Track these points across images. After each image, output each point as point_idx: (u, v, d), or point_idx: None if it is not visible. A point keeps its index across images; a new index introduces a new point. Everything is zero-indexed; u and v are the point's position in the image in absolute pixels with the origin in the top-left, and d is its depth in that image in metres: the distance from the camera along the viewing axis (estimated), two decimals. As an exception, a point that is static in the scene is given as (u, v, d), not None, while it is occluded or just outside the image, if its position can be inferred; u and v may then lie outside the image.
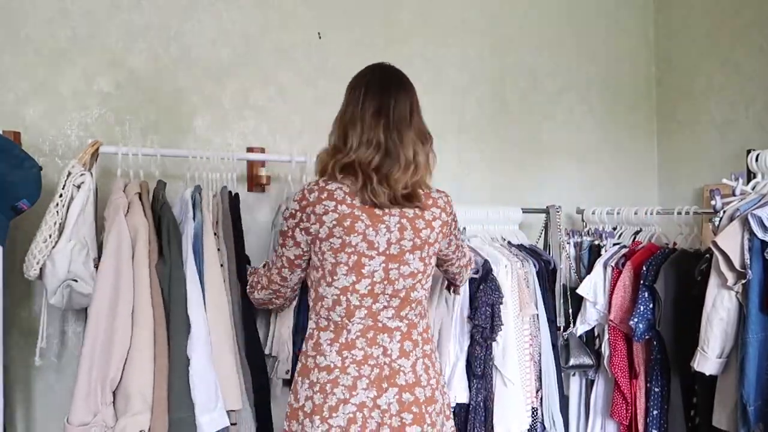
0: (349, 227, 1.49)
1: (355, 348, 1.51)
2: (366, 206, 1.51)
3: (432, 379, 1.57)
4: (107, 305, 1.65)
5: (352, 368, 1.49)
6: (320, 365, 1.52)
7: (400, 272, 1.53)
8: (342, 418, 1.46)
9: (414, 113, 1.59)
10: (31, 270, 1.72)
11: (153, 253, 1.75)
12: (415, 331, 1.57)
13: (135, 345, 1.66)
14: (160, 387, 1.67)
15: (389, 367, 1.51)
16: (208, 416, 1.69)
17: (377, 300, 1.52)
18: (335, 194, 1.51)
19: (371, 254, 1.50)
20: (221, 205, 1.94)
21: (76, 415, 1.59)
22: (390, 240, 1.51)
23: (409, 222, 1.53)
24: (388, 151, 1.51)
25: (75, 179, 1.76)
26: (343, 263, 1.51)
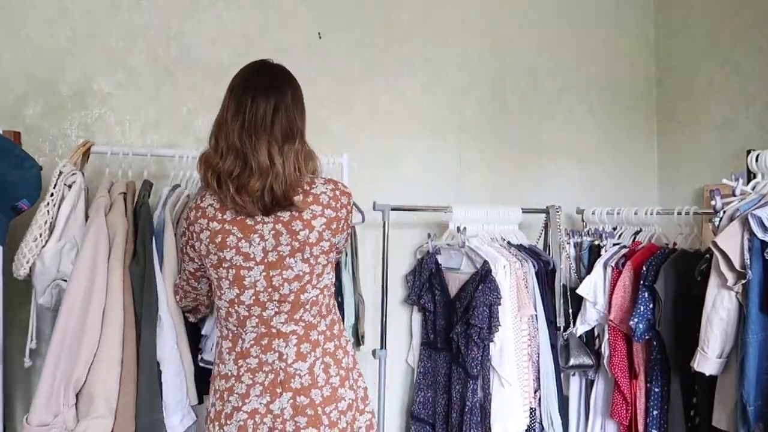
0: (221, 243, 1.48)
1: (249, 356, 1.51)
2: (237, 219, 1.48)
3: (334, 378, 1.54)
4: (79, 304, 1.63)
5: (246, 376, 1.50)
6: (221, 373, 1.54)
7: (284, 277, 1.50)
8: (234, 425, 1.48)
9: (278, 112, 1.49)
10: (21, 269, 1.71)
11: (129, 254, 1.73)
12: (314, 332, 1.54)
13: (103, 346, 1.63)
14: (127, 391, 1.64)
15: (284, 372, 1.50)
16: (180, 414, 1.70)
17: (266, 308, 1.51)
18: (207, 211, 1.51)
19: (249, 265, 1.49)
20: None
21: (36, 415, 1.55)
22: (266, 248, 1.49)
23: (284, 226, 1.48)
24: (245, 157, 1.45)
25: (66, 179, 1.76)
26: (224, 278, 1.51)
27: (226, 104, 1.50)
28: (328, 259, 1.56)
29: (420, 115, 2.77)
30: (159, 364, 1.70)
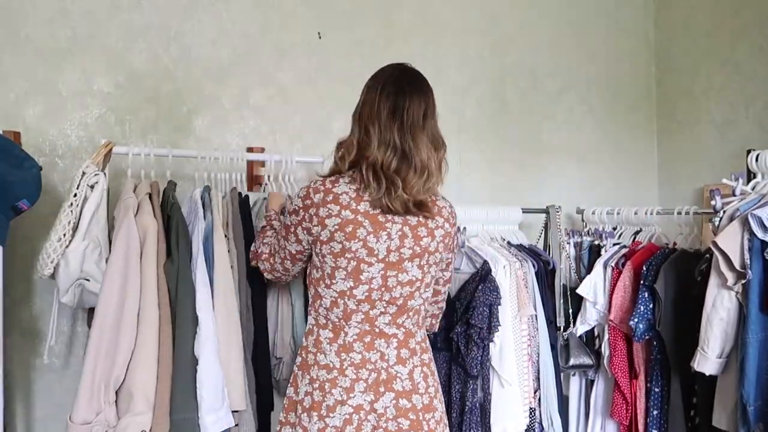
0: (351, 233, 1.48)
1: (353, 351, 1.52)
2: (370, 212, 1.49)
3: (431, 387, 1.57)
4: (114, 304, 1.65)
5: (350, 371, 1.50)
6: (320, 363, 1.53)
7: (398, 280, 1.52)
8: (338, 418, 1.48)
9: (428, 117, 1.55)
10: (46, 269, 1.73)
11: (161, 254, 1.74)
12: (412, 340, 1.57)
13: (140, 344, 1.65)
14: (163, 387, 1.66)
15: (386, 372, 1.52)
16: (214, 416, 1.69)
17: (374, 306, 1.52)
18: (340, 198, 1.50)
19: (371, 261, 1.50)
20: (231, 206, 1.93)
21: (79, 414, 1.59)
22: (390, 247, 1.50)
23: (410, 230, 1.51)
24: (404, 154, 1.48)
25: (89, 179, 1.77)
26: (342, 268, 1.50)
27: (377, 101, 1.52)
28: (434, 272, 1.59)
29: (420, 115, 2.76)
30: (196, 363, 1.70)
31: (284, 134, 2.50)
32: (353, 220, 1.48)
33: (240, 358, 1.81)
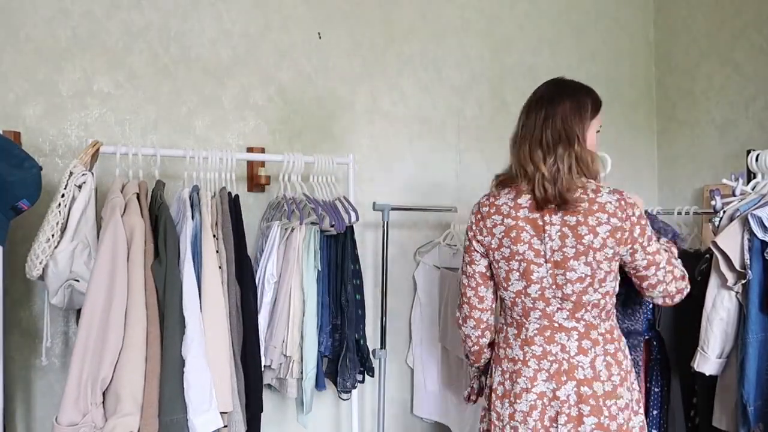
0: (515, 237, 1.63)
1: (534, 344, 1.66)
2: (529, 217, 1.63)
3: (615, 376, 1.64)
4: (101, 305, 1.64)
5: (532, 362, 1.65)
6: (509, 356, 1.69)
7: (567, 278, 1.62)
8: (525, 404, 1.64)
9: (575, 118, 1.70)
10: (34, 270, 1.72)
11: (149, 254, 1.74)
12: (594, 332, 1.65)
13: (127, 345, 1.64)
14: (152, 389, 1.65)
15: (567, 362, 1.63)
16: (203, 417, 1.69)
17: (549, 303, 1.64)
18: (501, 208, 1.66)
19: (539, 261, 1.63)
20: (220, 206, 1.94)
21: (66, 415, 1.58)
22: (552, 248, 1.62)
23: (570, 230, 1.61)
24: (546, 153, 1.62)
25: (77, 179, 1.76)
26: (514, 270, 1.65)
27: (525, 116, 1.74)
28: (611, 266, 1.63)
29: (420, 115, 2.77)
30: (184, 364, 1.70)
31: (284, 134, 2.50)
32: (515, 226, 1.64)
33: (228, 359, 1.80)
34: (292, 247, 2.06)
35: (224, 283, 1.86)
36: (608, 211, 1.61)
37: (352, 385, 2.16)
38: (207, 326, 1.76)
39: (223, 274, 1.86)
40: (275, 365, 2.08)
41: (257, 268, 2.09)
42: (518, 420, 1.64)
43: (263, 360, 2.02)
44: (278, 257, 2.09)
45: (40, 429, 2.11)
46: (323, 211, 2.12)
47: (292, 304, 2.04)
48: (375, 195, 2.55)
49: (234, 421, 1.82)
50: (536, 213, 1.63)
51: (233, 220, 1.95)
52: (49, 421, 2.06)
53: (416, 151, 2.76)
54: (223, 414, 1.76)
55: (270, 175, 2.38)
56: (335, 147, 2.57)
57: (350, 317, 2.14)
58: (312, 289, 2.07)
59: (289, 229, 2.10)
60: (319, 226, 2.10)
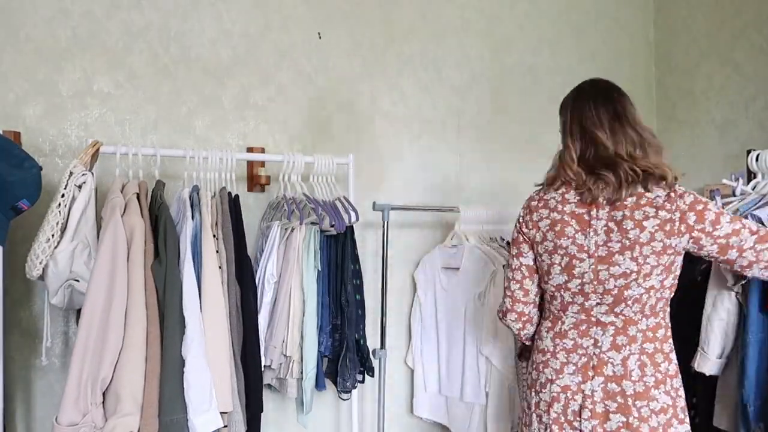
0: (559, 231, 1.66)
1: (566, 338, 1.68)
2: (575, 212, 1.65)
3: (648, 377, 1.62)
4: (101, 305, 1.64)
5: (561, 354, 1.68)
6: (539, 348, 1.74)
7: (610, 273, 1.62)
8: (548, 394, 1.68)
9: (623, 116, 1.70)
10: (34, 270, 1.72)
11: (149, 254, 1.74)
12: (633, 328, 1.64)
13: (127, 345, 1.65)
14: (152, 389, 1.66)
15: (597, 357, 1.64)
16: (203, 417, 1.69)
17: (588, 298, 1.65)
18: (549, 203, 1.70)
19: (581, 256, 1.64)
20: (220, 206, 1.94)
21: (66, 415, 1.58)
22: (597, 242, 1.62)
23: (616, 225, 1.61)
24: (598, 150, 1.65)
25: (77, 179, 1.76)
26: (556, 263, 1.68)
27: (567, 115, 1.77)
28: (660, 260, 1.61)
29: (420, 115, 2.77)
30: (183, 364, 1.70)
31: (284, 134, 2.50)
32: (561, 220, 1.66)
33: (228, 359, 1.80)
34: (292, 247, 2.06)
35: (224, 283, 1.86)
36: (656, 205, 1.60)
37: (352, 385, 2.16)
38: (207, 326, 1.76)
39: (223, 274, 1.86)
40: (275, 365, 2.08)
41: (257, 268, 2.09)
42: (542, 409, 1.68)
43: (263, 360, 2.02)
44: (278, 257, 2.09)
45: (40, 429, 2.11)
46: (323, 211, 2.12)
47: (292, 304, 2.04)
48: (375, 195, 2.55)
49: (234, 421, 1.82)
50: (584, 208, 1.65)
51: (233, 220, 1.95)
52: (49, 421, 2.06)
53: (416, 151, 2.76)
54: (223, 414, 1.76)
55: (270, 175, 2.38)
56: (335, 147, 2.57)
57: (350, 317, 2.14)
58: (312, 289, 2.07)
59: (289, 229, 2.10)
60: (319, 226, 2.10)
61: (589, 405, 1.62)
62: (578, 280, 1.65)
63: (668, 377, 1.66)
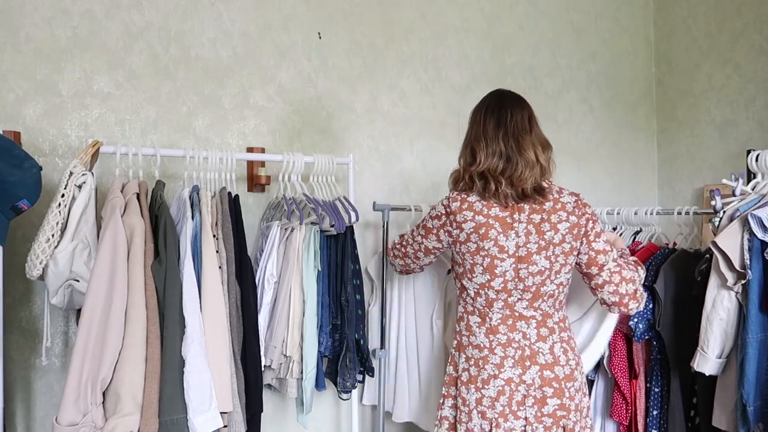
0: (484, 234, 1.75)
1: (498, 333, 1.78)
2: (499, 216, 1.76)
3: (571, 360, 1.81)
4: (101, 305, 1.64)
5: (498, 349, 1.77)
6: (473, 343, 1.80)
7: (529, 271, 1.76)
8: (492, 389, 1.75)
9: (533, 124, 1.82)
10: (34, 270, 1.72)
11: (149, 254, 1.74)
12: (550, 320, 1.82)
13: (127, 345, 1.64)
14: (151, 388, 1.65)
15: (530, 348, 1.77)
16: (203, 417, 1.69)
17: (511, 294, 1.78)
18: (474, 206, 1.78)
19: (502, 257, 1.76)
20: (220, 206, 1.94)
21: (66, 415, 1.58)
22: (518, 244, 1.76)
23: (534, 227, 1.76)
24: (509, 157, 1.76)
25: (77, 179, 1.76)
26: (478, 264, 1.78)
27: (482, 121, 1.82)
28: (567, 260, 1.80)
29: (420, 115, 2.77)
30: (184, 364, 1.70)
31: (284, 134, 2.50)
32: (485, 224, 1.76)
33: (228, 359, 1.80)
34: (292, 247, 2.06)
35: (224, 283, 1.86)
36: (568, 210, 1.79)
37: (352, 385, 2.16)
38: (207, 326, 1.76)
39: (223, 274, 1.86)
40: (275, 365, 2.08)
41: (257, 268, 2.09)
42: (486, 405, 1.75)
43: (263, 360, 2.02)
44: (278, 257, 2.09)
45: (40, 429, 2.11)
46: (323, 211, 2.12)
47: (292, 304, 2.04)
48: (375, 195, 2.55)
49: (234, 421, 1.82)
50: (506, 212, 1.77)
51: (233, 220, 1.95)
52: (49, 421, 2.07)
53: (416, 151, 2.76)
54: (223, 414, 1.76)
55: (270, 175, 2.38)
56: (335, 147, 2.57)
57: (350, 317, 2.14)
58: (312, 289, 2.07)
59: (289, 229, 2.10)
60: (319, 226, 2.10)
61: (532, 392, 1.75)
62: (501, 278, 1.76)
63: (578, 359, 1.86)
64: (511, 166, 1.75)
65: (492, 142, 1.78)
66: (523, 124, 1.80)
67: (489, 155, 1.77)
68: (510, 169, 1.75)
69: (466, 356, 1.81)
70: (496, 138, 1.78)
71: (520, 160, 1.75)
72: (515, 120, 1.80)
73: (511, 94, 1.89)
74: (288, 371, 2.07)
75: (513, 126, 1.79)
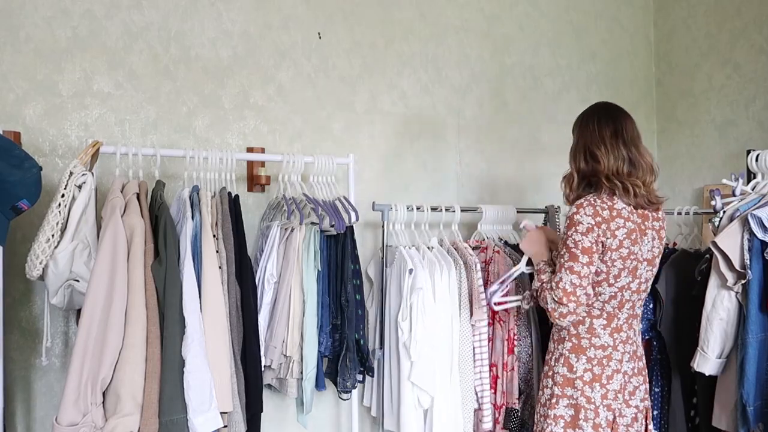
0: (635, 239, 1.84)
1: (622, 331, 1.89)
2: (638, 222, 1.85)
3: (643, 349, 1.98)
4: (101, 305, 1.64)
5: (620, 346, 1.88)
6: (595, 345, 1.88)
7: (651, 273, 1.91)
8: (616, 383, 1.87)
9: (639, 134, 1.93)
10: (34, 270, 1.72)
11: (149, 254, 1.74)
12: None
13: (127, 345, 1.65)
14: (151, 389, 1.66)
15: (635, 343, 1.93)
16: (203, 417, 1.69)
17: (639, 294, 1.90)
18: (622, 212, 1.83)
19: (641, 259, 1.87)
20: (220, 206, 1.94)
21: (66, 415, 1.58)
22: (649, 248, 1.88)
23: (656, 233, 1.91)
24: (632, 162, 1.85)
25: (77, 179, 1.76)
26: (627, 268, 1.84)
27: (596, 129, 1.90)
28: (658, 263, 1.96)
29: (420, 115, 2.77)
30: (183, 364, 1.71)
31: (284, 134, 2.50)
32: (635, 229, 1.84)
33: (228, 359, 1.80)
34: (292, 247, 2.06)
35: (224, 283, 1.86)
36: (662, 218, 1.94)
37: (352, 385, 2.16)
38: (207, 326, 1.76)
39: (223, 274, 1.86)
40: (275, 365, 2.08)
41: (257, 268, 2.09)
42: (611, 398, 1.86)
43: (263, 360, 2.02)
44: (278, 257, 2.09)
45: (40, 429, 2.10)
46: (323, 211, 2.12)
47: (292, 304, 2.04)
48: (375, 195, 2.54)
49: (234, 421, 1.82)
50: (640, 218, 1.87)
51: (233, 220, 1.95)
52: (49, 421, 2.07)
53: (416, 151, 2.76)
54: (223, 414, 1.76)
55: (270, 175, 2.38)
56: (335, 147, 2.57)
57: (350, 317, 2.14)
58: (312, 289, 2.07)
59: (289, 229, 2.10)
60: (319, 226, 2.10)
61: (636, 383, 1.90)
62: (637, 280, 1.87)
63: None
64: (637, 171, 1.85)
65: (613, 148, 1.86)
66: (636, 132, 1.91)
67: (614, 159, 1.85)
68: (636, 173, 1.85)
69: (587, 357, 1.87)
70: (616, 144, 1.86)
71: (644, 165, 1.86)
72: (628, 129, 1.90)
73: (617, 106, 1.98)
74: (288, 371, 2.07)
75: (628, 135, 1.88)
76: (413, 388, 2.17)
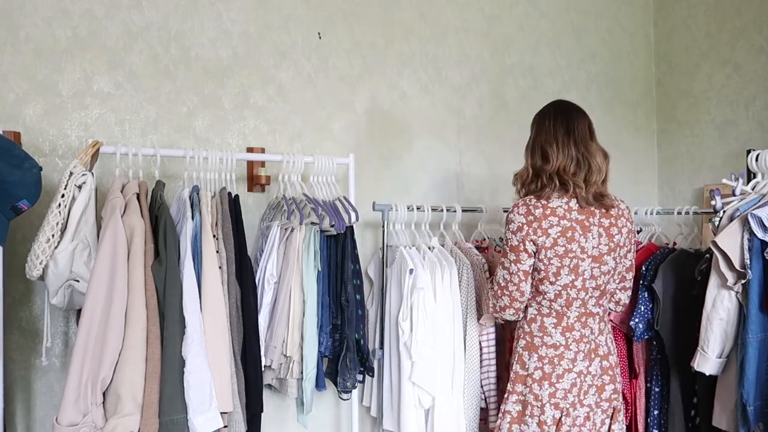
0: (570, 237, 1.86)
1: (573, 330, 1.91)
2: (579, 219, 1.87)
3: (614, 349, 2.00)
4: (101, 305, 1.64)
5: (573, 345, 1.90)
6: (547, 343, 1.91)
7: (601, 270, 1.91)
8: (566, 382, 1.89)
9: (593, 134, 1.96)
10: (34, 270, 1.72)
11: (149, 254, 1.74)
12: (605, 315, 1.99)
13: (127, 345, 1.64)
14: (152, 389, 1.66)
15: (594, 342, 1.93)
16: (203, 417, 1.69)
17: (587, 292, 1.90)
18: (557, 211, 1.87)
19: (583, 257, 1.88)
20: (220, 206, 1.94)
21: (66, 415, 1.58)
22: (593, 245, 1.89)
23: (605, 230, 1.91)
24: (579, 161, 1.89)
25: (77, 179, 1.76)
26: (566, 266, 1.87)
27: (550, 127, 1.94)
28: (623, 261, 1.98)
29: (420, 115, 2.77)
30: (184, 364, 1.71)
31: (284, 134, 2.50)
32: (570, 227, 1.86)
33: (228, 359, 1.80)
34: (292, 248, 2.06)
35: (224, 283, 1.86)
36: (626, 216, 1.96)
37: (352, 385, 2.16)
38: (207, 326, 1.76)
39: (223, 274, 1.86)
40: (275, 365, 2.08)
41: (257, 268, 2.09)
42: (559, 397, 1.88)
43: (263, 360, 2.02)
44: (278, 257, 2.09)
45: (40, 429, 2.10)
46: (323, 211, 2.12)
47: (292, 304, 2.04)
48: (375, 195, 2.54)
49: (234, 421, 1.82)
50: (582, 214, 1.88)
51: (233, 220, 1.95)
52: (49, 421, 2.07)
53: (416, 151, 2.76)
54: (223, 414, 1.76)
55: (270, 175, 2.38)
56: (335, 147, 2.57)
57: (350, 317, 2.14)
58: (312, 289, 2.07)
59: (289, 229, 2.10)
60: (319, 226, 2.10)
61: (595, 382, 1.91)
62: (581, 278, 1.87)
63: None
64: (583, 170, 1.88)
65: (563, 146, 1.89)
66: (588, 132, 1.94)
67: (562, 157, 1.88)
68: (581, 172, 1.88)
69: (539, 355, 1.90)
70: (567, 143, 1.90)
71: (592, 164, 1.89)
72: (581, 128, 1.93)
73: (574, 105, 2.01)
74: (288, 371, 2.07)
75: (579, 133, 1.91)
76: (414, 388, 2.18)
